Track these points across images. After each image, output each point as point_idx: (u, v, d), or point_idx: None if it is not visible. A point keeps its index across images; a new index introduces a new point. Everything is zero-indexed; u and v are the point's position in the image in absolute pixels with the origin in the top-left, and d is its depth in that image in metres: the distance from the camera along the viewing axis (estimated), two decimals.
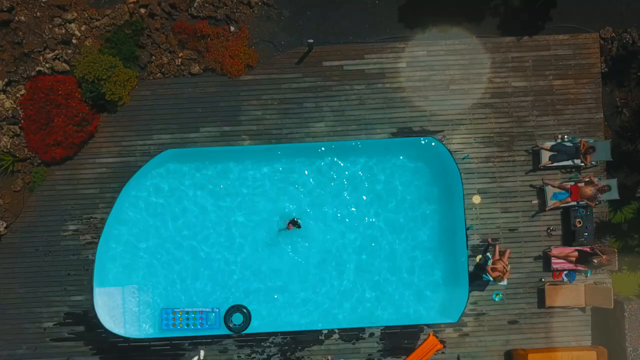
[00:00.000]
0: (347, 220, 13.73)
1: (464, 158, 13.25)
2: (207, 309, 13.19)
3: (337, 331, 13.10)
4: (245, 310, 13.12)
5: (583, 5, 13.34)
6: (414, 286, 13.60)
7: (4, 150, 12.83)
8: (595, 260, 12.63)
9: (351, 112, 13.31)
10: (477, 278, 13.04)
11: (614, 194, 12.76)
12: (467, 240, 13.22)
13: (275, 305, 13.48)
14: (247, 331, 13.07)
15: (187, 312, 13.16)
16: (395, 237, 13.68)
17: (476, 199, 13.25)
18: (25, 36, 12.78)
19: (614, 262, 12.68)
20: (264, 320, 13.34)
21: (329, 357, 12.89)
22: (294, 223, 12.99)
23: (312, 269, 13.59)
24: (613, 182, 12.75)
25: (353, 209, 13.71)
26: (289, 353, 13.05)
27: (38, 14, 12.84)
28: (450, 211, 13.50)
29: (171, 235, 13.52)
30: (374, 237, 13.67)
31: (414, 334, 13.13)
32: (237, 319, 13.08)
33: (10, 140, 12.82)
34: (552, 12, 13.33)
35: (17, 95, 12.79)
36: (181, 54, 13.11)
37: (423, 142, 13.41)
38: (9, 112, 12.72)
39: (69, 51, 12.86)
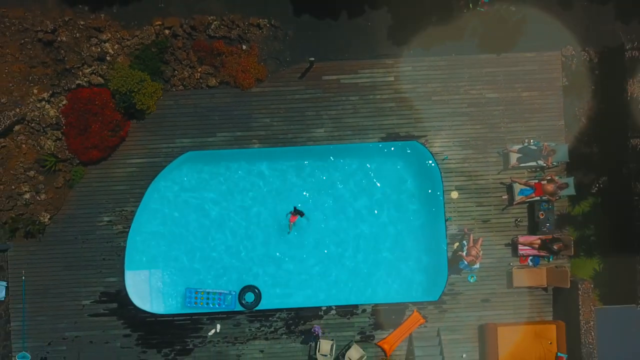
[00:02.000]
0: (344, 213, 15.64)
1: (443, 159, 15.18)
2: (225, 291, 15.14)
3: (334, 308, 15.09)
4: (256, 290, 15.13)
5: (547, 26, 15.10)
6: (401, 269, 15.57)
7: (48, 152, 14.76)
8: (555, 247, 14.70)
9: (347, 119, 15.19)
10: (455, 262, 14.96)
11: (571, 190, 14.75)
12: (446, 230, 15.18)
13: (282, 286, 15.43)
14: (257, 308, 15.05)
15: (208, 293, 15.12)
16: (384, 227, 15.60)
17: (454, 195, 15.19)
18: (67, 54, 14.68)
19: (571, 248, 14.74)
20: (272, 299, 15.29)
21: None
22: (296, 213, 14.88)
23: (314, 255, 15.52)
24: (570, 180, 14.73)
25: (348, 203, 15.61)
26: (293, 326, 15.05)
27: (77, 34, 14.72)
28: (432, 205, 15.46)
29: (192, 226, 15.47)
30: (365, 228, 15.59)
31: (400, 311, 15.11)
32: (249, 297, 15.09)
33: (54, 143, 14.76)
34: (521, 33, 15.11)
35: (60, 105, 14.70)
36: (200, 69, 14.99)
37: (408, 148, 15.39)
38: (53, 119, 14.65)
39: (104, 67, 14.74)
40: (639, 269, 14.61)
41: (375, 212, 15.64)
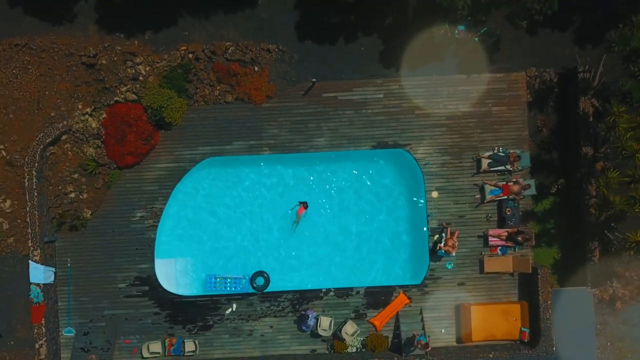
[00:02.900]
0: (341, 209, 18.01)
1: (425, 164, 17.58)
2: (240, 276, 17.45)
3: (332, 290, 17.53)
4: (265, 275, 17.49)
5: (514, 51, 17.51)
6: (389, 257, 17.97)
7: (90, 158, 17.23)
8: (520, 238, 17.21)
9: (343, 130, 17.51)
10: (435, 252, 17.33)
11: (533, 191, 17.22)
12: (427, 224, 17.57)
13: (288, 271, 17.84)
14: (267, 290, 17.36)
15: (226, 278, 17.43)
16: (375, 221, 18.02)
17: (434, 194, 17.59)
18: (106, 75, 17.15)
19: (532, 240, 17.26)
20: (280, 282, 17.66)
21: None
22: (303, 204, 17.29)
23: (316, 245, 17.91)
24: (532, 182, 17.21)
25: (345, 201, 18.01)
26: (297, 305, 17.50)
27: (115, 58, 17.19)
28: (415, 203, 17.90)
29: (212, 221, 17.88)
30: (358, 222, 18.00)
31: (388, 292, 17.57)
32: (260, 281, 17.43)
33: (95, 150, 17.25)
34: (492, 57, 17.53)
35: (100, 118, 17.12)
36: (219, 87, 17.37)
37: (396, 155, 17.80)
38: (95, 130, 17.12)
39: (137, 86, 17.13)
40: (589, 257, 17.18)
41: (368, 208, 18.05)
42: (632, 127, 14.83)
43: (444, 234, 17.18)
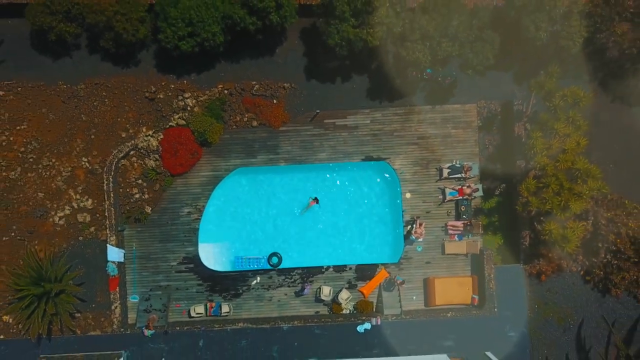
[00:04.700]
0: (339, 206, 23.30)
1: (401, 173, 23.07)
2: (260, 257, 22.94)
3: (331, 267, 23.06)
4: (279, 255, 22.80)
5: (468, 88, 22.96)
6: (374, 242, 23.40)
7: (150, 168, 22.87)
8: (469, 229, 22.89)
9: (339, 147, 22.95)
10: (408, 238, 22.88)
11: (480, 193, 22.82)
12: (402, 218, 23.05)
13: (296, 252, 23.21)
14: (281, 267, 22.66)
15: (250, 258, 22.93)
16: (365, 216, 23.41)
17: (408, 195, 23.07)
18: (163, 106, 22.84)
19: (479, 229, 22.95)
20: (290, 260, 23.06)
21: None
22: (314, 200, 22.74)
23: (318, 232, 23.29)
24: (480, 186, 22.89)
25: (341, 200, 23.41)
26: (305, 278, 22.98)
27: (169, 94, 22.85)
28: (393, 202, 23.38)
29: (241, 215, 23.33)
30: (351, 216, 23.38)
31: (373, 268, 23.03)
32: (274, 260, 22.68)
33: (154, 162, 22.88)
34: (451, 92, 23.06)
35: (159, 138, 22.71)
36: (247, 115, 22.98)
37: (379, 166, 23.28)
38: (154, 147, 22.73)
39: (186, 114, 22.76)
40: (522, 242, 22.85)
41: (358, 205, 23.47)
42: (546, 147, 20.54)
43: (414, 225, 22.54)
